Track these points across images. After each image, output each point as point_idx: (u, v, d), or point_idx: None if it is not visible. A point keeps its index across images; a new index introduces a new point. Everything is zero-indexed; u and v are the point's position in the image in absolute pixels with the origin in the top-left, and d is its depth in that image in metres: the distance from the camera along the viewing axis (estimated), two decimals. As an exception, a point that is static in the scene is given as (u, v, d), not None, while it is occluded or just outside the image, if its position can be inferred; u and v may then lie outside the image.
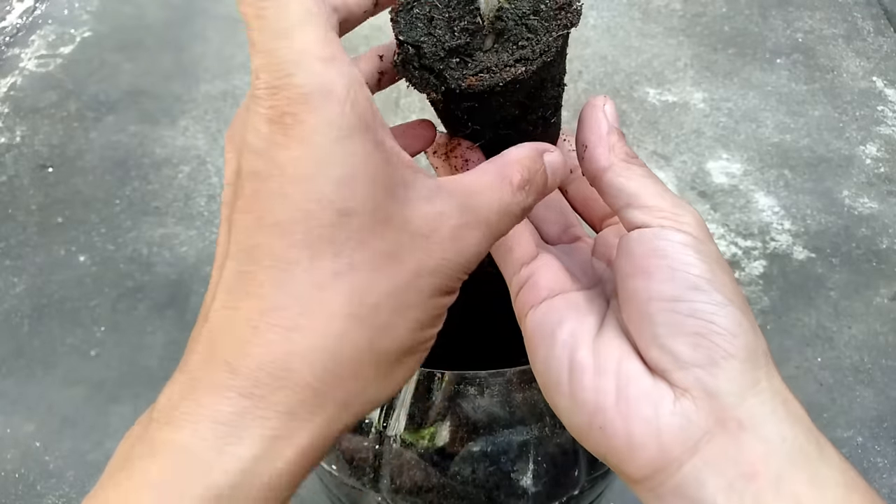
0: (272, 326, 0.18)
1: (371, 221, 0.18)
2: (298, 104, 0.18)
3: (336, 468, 0.41)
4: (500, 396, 0.37)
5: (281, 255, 0.18)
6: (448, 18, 0.24)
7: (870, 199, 1.04)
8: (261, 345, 0.18)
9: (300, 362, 0.18)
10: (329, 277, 0.18)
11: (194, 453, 0.18)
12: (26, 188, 1.03)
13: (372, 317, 0.19)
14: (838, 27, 1.36)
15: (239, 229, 0.19)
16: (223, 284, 0.19)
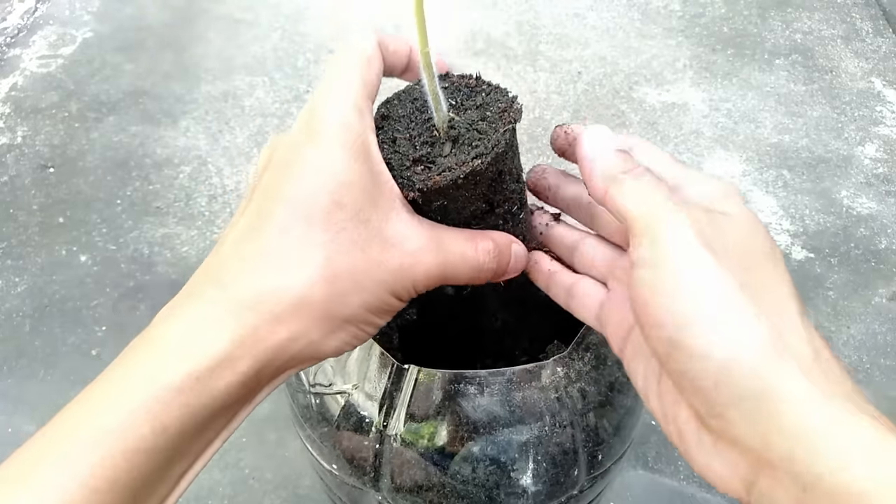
0: (264, 266, 0.24)
1: (354, 217, 0.25)
2: (327, 125, 0.26)
3: (336, 467, 0.41)
4: (499, 396, 0.37)
5: (285, 220, 0.25)
6: (409, 137, 0.28)
7: (868, 199, 1.04)
8: (251, 275, 0.25)
9: (275, 294, 0.24)
10: (314, 245, 0.25)
11: (174, 341, 0.24)
12: (28, 188, 1.03)
13: (335, 282, 0.25)
14: (837, 28, 1.36)
15: (259, 196, 0.26)
16: (235, 233, 0.26)
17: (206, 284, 0.25)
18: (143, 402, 0.22)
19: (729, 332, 0.21)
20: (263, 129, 1.12)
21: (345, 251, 0.25)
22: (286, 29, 1.33)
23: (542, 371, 0.37)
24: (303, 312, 0.24)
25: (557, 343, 0.46)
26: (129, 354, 0.24)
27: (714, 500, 0.72)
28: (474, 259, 0.28)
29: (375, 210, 0.26)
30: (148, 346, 0.24)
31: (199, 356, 0.23)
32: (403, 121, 0.29)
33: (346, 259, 0.25)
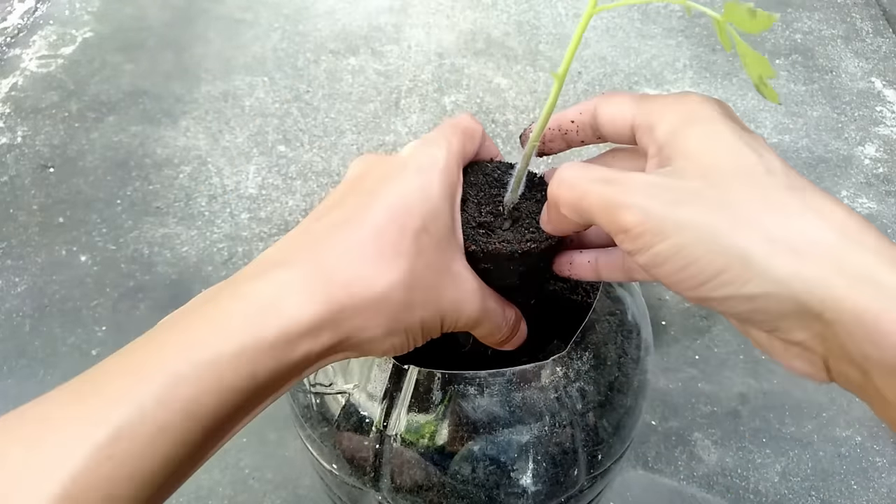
0: (360, 255, 0.26)
1: (435, 244, 0.29)
2: (434, 163, 0.29)
3: (336, 467, 0.41)
4: (499, 396, 0.37)
5: (382, 222, 0.27)
6: (477, 202, 0.32)
7: (868, 199, 1.04)
8: (347, 258, 0.26)
9: (365, 282, 0.26)
10: (403, 253, 0.27)
11: (267, 299, 0.25)
12: (27, 188, 1.03)
13: (411, 291, 0.27)
14: (837, 28, 1.36)
15: (360, 196, 0.28)
16: (331, 218, 0.28)
17: (299, 254, 0.27)
18: (242, 348, 0.24)
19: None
20: (263, 129, 1.13)
21: (424, 268, 0.28)
22: (286, 29, 1.33)
23: (541, 371, 0.37)
24: (381, 307, 0.27)
25: (557, 343, 0.46)
26: (222, 301, 0.25)
27: (714, 500, 0.72)
28: (501, 320, 0.32)
29: (449, 246, 0.30)
30: (241, 300, 0.25)
31: (290, 318, 0.25)
32: (475, 188, 0.33)
33: (422, 276, 0.28)
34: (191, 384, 0.23)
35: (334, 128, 1.13)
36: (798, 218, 0.22)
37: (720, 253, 0.22)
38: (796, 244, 0.22)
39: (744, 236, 0.22)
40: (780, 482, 0.74)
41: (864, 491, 0.74)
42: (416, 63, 1.26)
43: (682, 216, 0.23)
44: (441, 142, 0.30)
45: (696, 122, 0.26)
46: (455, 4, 1.41)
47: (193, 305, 0.26)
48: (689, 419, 0.79)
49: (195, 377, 0.23)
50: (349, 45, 1.30)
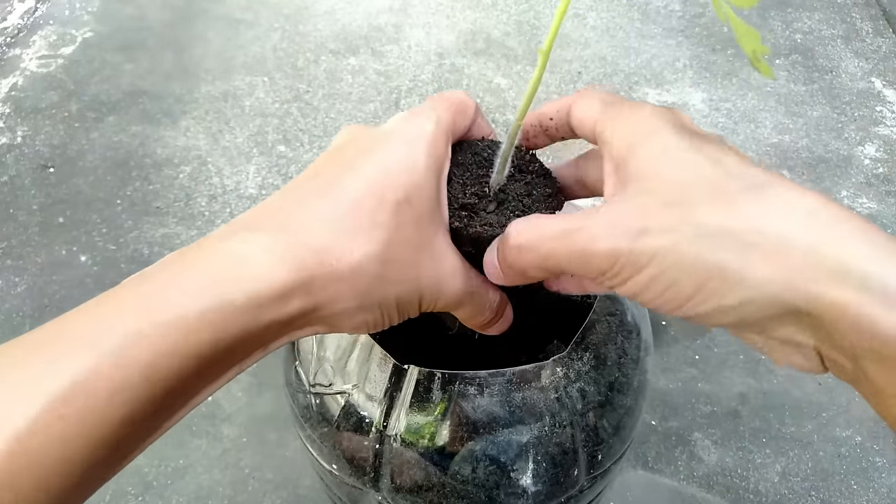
0: (333, 225, 0.26)
1: (417, 219, 0.27)
2: (421, 135, 0.28)
3: (336, 467, 0.41)
4: (499, 396, 0.37)
5: (360, 193, 0.26)
6: (462, 182, 0.31)
7: (868, 199, 1.04)
8: (320, 227, 0.25)
9: (337, 252, 0.25)
10: (380, 225, 0.26)
11: (236, 261, 0.24)
12: (27, 188, 1.03)
13: (386, 265, 0.26)
14: (837, 28, 1.36)
15: (337, 166, 0.27)
16: (305, 190, 0.27)
17: (272, 219, 0.26)
18: (207, 309, 0.23)
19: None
20: (263, 129, 1.13)
21: (402, 242, 0.27)
22: (286, 29, 1.33)
23: (541, 371, 0.37)
24: (353, 279, 0.25)
25: (557, 343, 0.46)
26: (187, 259, 0.24)
27: (714, 500, 0.72)
28: (484, 302, 0.31)
29: (432, 221, 0.28)
30: (208, 259, 0.24)
31: (259, 283, 0.24)
32: (461, 167, 0.31)
33: (400, 250, 0.27)
34: (151, 344, 0.21)
35: (334, 128, 1.13)
36: (764, 219, 0.22)
37: (695, 272, 0.22)
38: (767, 246, 0.22)
39: (714, 251, 0.22)
40: (780, 482, 0.74)
41: (864, 491, 0.74)
42: (416, 63, 1.26)
43: (650, 246, 0.23)
44: (430, 114, 0.29)
45: (647, 139, 0.26)
46: (455, 4, 1.41)
47: (160, 265, 0.24)
48: (689, 419, 0.79)
49: (156, 336, 0.22)
50: (349, 45, 1.30)
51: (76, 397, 0.20)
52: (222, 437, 0.76)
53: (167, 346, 0.22)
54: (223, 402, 0.79)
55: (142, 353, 0.21)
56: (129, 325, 0.22)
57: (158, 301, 0.22)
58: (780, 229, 0.22)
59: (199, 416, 0.77)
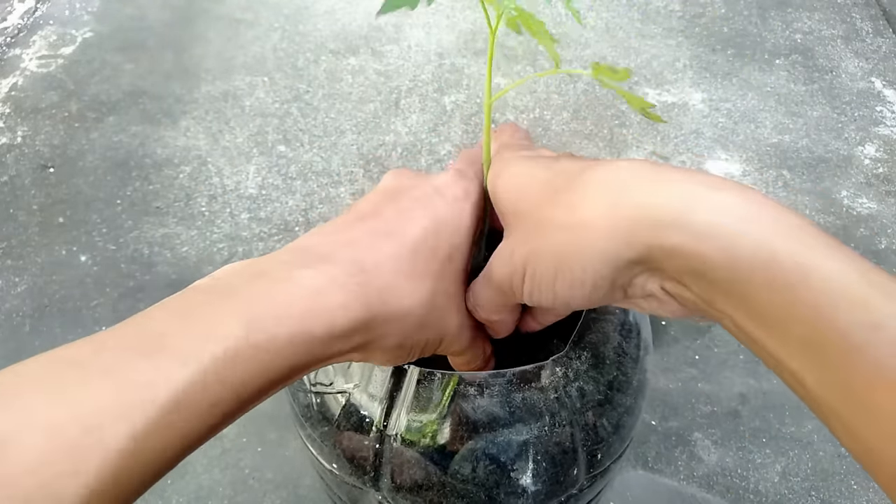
0: (397, 268, 0.28)
1: (454, 274, 0.31)
2: (472, 199, 0.32)
3: (336, 467, 0.41)
4: (499, 396, 0.37)
5: (417, 242, 0.29)
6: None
7: (868, 199, 1.04)
8: (387, 269, 0.28)
9: (397, 295, 0.28)
10: (430, 274, 0.29)
11: (311, 292, 0.25)
12: (27, 188, 1.03)
13: (428, 311, 0.29)
14: (837, 28, 1.36)
15: (399, 210, 0.30)
16: (371, 225, 0.29)
17: (342, 254, 0.27)
18: (293, 337, 0.24)
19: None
20: (263, 129, 1.13)
21: (442, 293, 0.30)
22: (286, 29, 1.33)
23: (541, 371, 0.37)
24: (403, 321, 0.28)
25: (556, 343, 0.46)
26: (277, 283, 0.25)
27: (714, 500, 0.72)
28: (481, 352, 0.36)
29: (462, 279, 0.32)
30: (293, 287, 0.25)
31: (335, 318, 0.25)
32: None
33: (440, 299, 0.30)
34: (245, 363, 0.23)
35: (334, 128, 1.13)
36: (584, 200, 0.25)
37: (548, 260, 0.27)
38: (588, 219, 0.25)
39: (552, 239, 0.26)
40: (780, 482, 0.74)
41: (864, 491, 0.74)
42: (416, 63, 1.26)
43: (518, 258, 0.28)
44: (474, 179, 0.32)
45: (497, 177, 0.30)
46: (455, 4, 1.41)
47: (238, 277, 0.26)
48: (688, 419, 0.79)
49: (250, 357, 0.23)
50: (349, 45, 1.30)
51: (184, 408, 0.21)
52: (222, 436, 0.76)
53: (257, 367, 0.23)
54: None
55: (236, 372, 0.22)
56: (229, 343, 0.23)
57: (253, 323, 0.24)
58: (598, 204, 0.25)
59: (199, 415, 0.77)
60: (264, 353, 0.23)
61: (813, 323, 0.21)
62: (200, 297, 0.24)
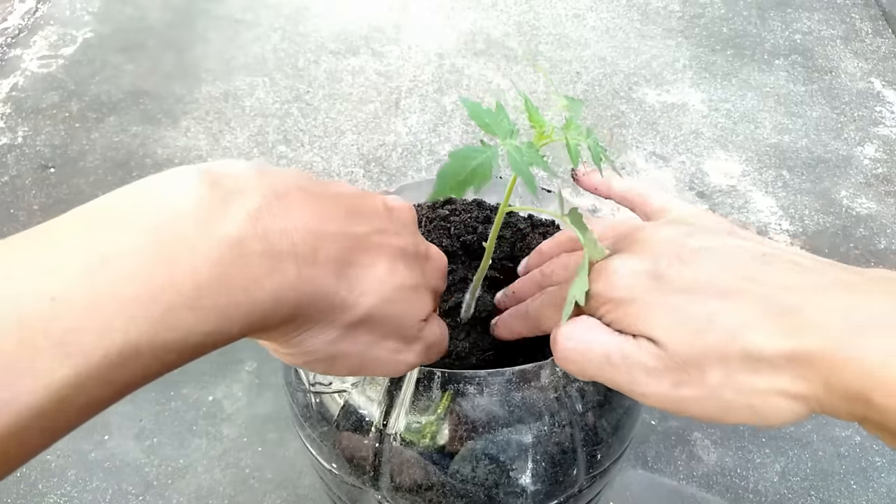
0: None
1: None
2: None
3: (336, 467, 0.41)
4: (499, 396, 0.37)
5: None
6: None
7: (867, 199, 1.04)
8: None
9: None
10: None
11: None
12: (28, 188, 1.03)
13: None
14: (837, 28, 1.36)
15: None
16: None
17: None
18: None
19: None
20: (264, 129, 1.13)
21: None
22: (286, 29, 1.33)
23: (541, 371, 0.37)
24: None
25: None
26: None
27: (714, 500, 0.72)
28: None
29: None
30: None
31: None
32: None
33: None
34: (135, 366, 0.21)
35: (334, 128, 1.13)
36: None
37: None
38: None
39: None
40: (779, 482, 0.74)
41: (863, 491, 0.74)
42: (416, 63, 1.26)
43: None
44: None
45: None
46: (455, 4, 1.41)
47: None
48: (688, 419, 0.79)
49: (142, 362, 0.22)
50: (349, 46, 1.30)
51: (51, 413, 0.20)
52: (222, 436, 0.76)
53: (150, 369, 0.21)
54: (223, 402, 0.79)
55: (124, 374, 0.20)
56: (126, 344, 0.20)
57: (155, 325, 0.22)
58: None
59: (199, 416, 0.77)
60: (161, 356, 0.21)
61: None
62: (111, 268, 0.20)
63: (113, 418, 0.77)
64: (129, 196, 0.22)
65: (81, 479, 0.73)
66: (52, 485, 0.72)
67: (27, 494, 0.72)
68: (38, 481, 0.72)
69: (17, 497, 0.71)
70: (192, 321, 0.21)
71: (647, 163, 1.08)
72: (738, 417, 0.26)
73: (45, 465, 0.73)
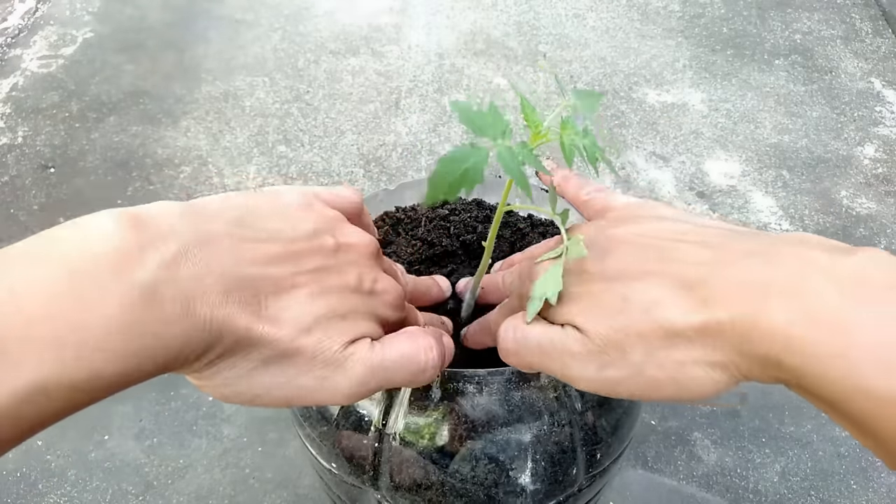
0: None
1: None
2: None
3: (335, 466, 0.41)
4: (498, 395, 0.37)
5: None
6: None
7: (867, 199, 1.04)
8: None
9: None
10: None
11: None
12: (28, 188, 1.03)
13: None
14: (837, 28, 1.36)
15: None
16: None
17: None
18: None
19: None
20: (264, 129, 1.13)
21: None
22: (286, 29, 1.33)
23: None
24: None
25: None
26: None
27: (714, 500, 0.72)
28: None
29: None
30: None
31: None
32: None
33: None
34: (58, 400, 0.22)
35: (334, 128, 1.13)
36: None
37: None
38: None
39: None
40: (779, 482, 0.74)
41: (863, 491, 0.74)
42: (416, 63, 1.26)
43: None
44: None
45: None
46: (455, 4, 1.41)
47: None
48: (688, 419, 0.79)
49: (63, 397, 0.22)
50: (349, 46, 1.30)
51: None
52: (222, 436, 0.76)
53: (71, 403, 0.22)
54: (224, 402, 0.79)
55: (48, 406, 0.21)
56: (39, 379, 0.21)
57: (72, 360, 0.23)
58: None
59: (199, 416, 0.77)
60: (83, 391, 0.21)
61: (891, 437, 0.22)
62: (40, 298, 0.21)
63: (113, 419, 0.77)
64: (51, 237, 0.22)
65: (81, 479, 0.73)
66: (52, 485, 0.72)
67: (27, 494, 0.72)
68: (38, 481, 0.72)
69: (16, 497, 0.71)
70: (102, 363, 0.21)
71: (647, 163, 1.08)
72: (664, 393, 0.27)
73: (45, 465, 0.73)
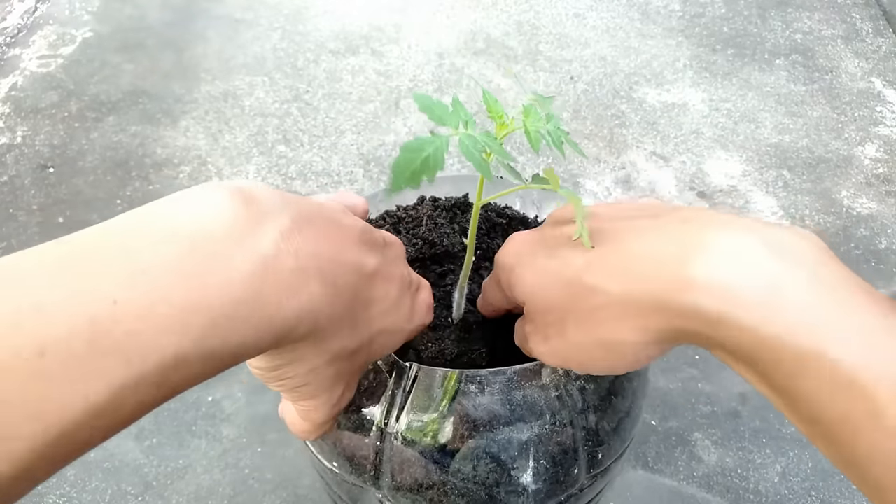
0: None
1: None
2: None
3: (337, 465, 0.41)
4: (500, 394, 0.37)
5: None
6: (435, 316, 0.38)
7: (868, 199, 1.04)
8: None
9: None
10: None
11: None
12: (27, 188, 1.03)
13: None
14: (837, 28, 1.36)
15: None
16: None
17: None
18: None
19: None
20: (263, 128, 1.13)
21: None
22: (286, 29, 1.33)
23: (542, 369, 0.37)
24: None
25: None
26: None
27: (714, 500, 0.72)
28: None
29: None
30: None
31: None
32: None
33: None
34: (189, 370, 0.23)
35: (334, 128, 1.13)
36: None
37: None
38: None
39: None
40: (779, 482, 0.74)
41: (864, 491, 0.74)
42: (416, 63, 1.26)
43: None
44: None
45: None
46: (455, 4, 1.41)
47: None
48: (688, 419, 0.79)
49: (195, 366, 0.23)
50: (349, 45, 1.30)
51: (108, 412, 0.21)
52: (222, 437, 0.76)
53: (200, 371, 0.23)
54: (223, 402, 0.79)
55: (177, 378, 0.21)
56: (179, 350, 0.21)
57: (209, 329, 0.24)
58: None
59: (199, 416, 0.77)
60: (210, 360, 0.21)
61: (817, 408, 0.22)
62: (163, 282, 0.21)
63: (112, 418, 0.77)
64: (160, 214, 0.23)
65: (81, 480, 0.72)
66: (52, 485, 0.72)
67: (26, 494, 0.71)
68: (37, 481, 0.72)
69: (15, 497, 0.71)
70: (231, 331, 0.21)
71: (648, 162, 1.08)
72: (604, 363, 0.28)
73: (44, 465, 0.73)
